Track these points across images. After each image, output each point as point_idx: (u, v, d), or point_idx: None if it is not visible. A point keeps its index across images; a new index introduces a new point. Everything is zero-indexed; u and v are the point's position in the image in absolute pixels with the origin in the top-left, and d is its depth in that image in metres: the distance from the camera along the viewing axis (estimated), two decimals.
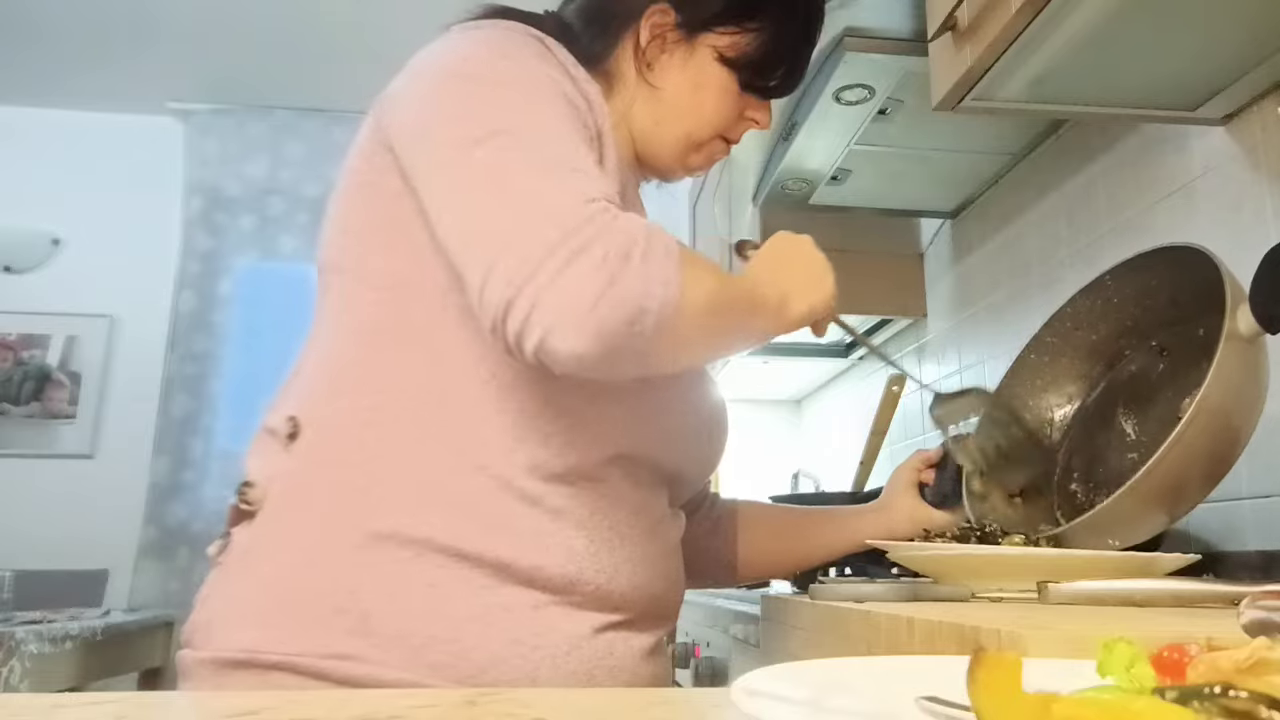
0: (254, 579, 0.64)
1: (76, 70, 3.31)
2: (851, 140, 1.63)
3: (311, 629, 0.60)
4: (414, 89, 0.69)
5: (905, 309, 2.12)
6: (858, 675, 0.37)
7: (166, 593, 3.11)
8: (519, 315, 0.54)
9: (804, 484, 2.46)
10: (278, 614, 0.61)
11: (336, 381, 0.68)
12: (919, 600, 0.82)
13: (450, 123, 0.64)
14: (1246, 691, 0.24)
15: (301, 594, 0.61)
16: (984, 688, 0.25)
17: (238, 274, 3.48)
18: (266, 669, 0.59)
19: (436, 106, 0.66)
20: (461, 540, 0.62)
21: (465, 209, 0.60)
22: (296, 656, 0.58)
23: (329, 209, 0.75)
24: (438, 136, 0.64)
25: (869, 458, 1.60)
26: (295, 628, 0.60)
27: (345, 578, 0.61)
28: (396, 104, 0.70)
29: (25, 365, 3.36)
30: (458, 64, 0.68)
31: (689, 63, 0.79)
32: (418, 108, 0.67)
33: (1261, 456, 1.09)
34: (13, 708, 0.38)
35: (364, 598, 0.60)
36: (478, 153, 0.60)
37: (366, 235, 0.70)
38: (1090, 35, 1.00)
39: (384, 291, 0.68)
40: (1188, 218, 1.24)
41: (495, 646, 0.61)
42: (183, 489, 3.23)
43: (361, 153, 0.72)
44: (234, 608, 0.63)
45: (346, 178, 0.73)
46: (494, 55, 0.67)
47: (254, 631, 0.61)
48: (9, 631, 1.97)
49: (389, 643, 0.59)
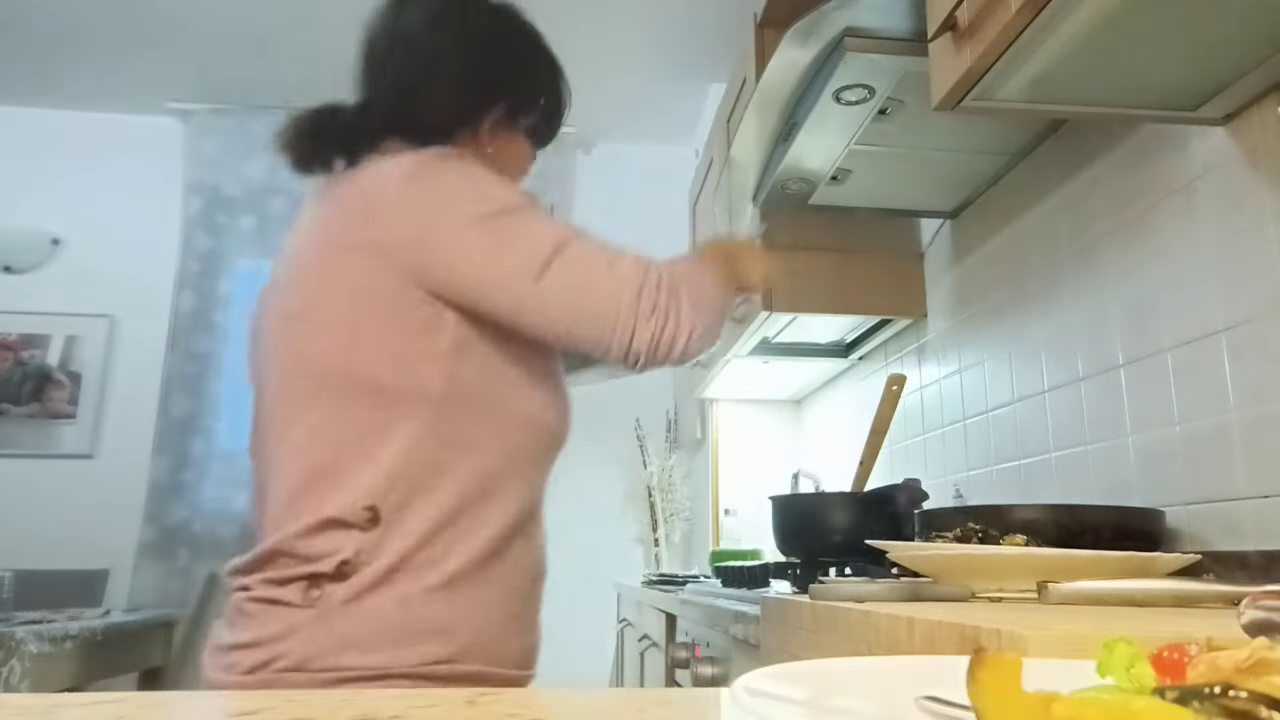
0: (365, 618, 0.82)
1: (76, 70, 3.31)
2: (851, 140, 1.63)
3: (419, 646, 0.83)
4: (452, 235, 0.87)
5: (905, 309, 2.12)
6: (858, 675, 0.37)
7: (166, 593, 3.11)
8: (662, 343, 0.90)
9: (804, 484, 2.46)
10: (396, 639, 0.82)
11: (399, 481, 0.86)
12: (919, 600, 0.82)
13: (519, 254, 0.86)
14: (1246, 691, 0.24)
15: (409, 624, 0.83)
16: (984, 688, 0.25)
17: (238, 274, 3.48)
18: (395, 678, 0.81)
19: (496, 247, 0.86)
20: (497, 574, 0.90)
21: (574, 304, 0.86)
22: (418, 667, 0.82)
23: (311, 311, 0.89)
24: (513, 269, 0.86)
25: (869, 458, 1.60)
26: (410, 646, 0.82)
27: (434, 611, 0.84)
28: (428, 248, 0.87)
29: (25, 365, 3.36)
30: (478, 204, 0.88)
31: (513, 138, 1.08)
32: (474, 254, 0.86)
33: (1261, 456, 1.09)
34: (13, 708, 0.38)
35: (447, 621, 0.85)
36: (558, 265, 0.87)
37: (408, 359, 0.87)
38: (1090, 35, 1.00)
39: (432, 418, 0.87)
40: (1188, 218, 1.24)
41: (530, 639, 0.95)
42: (183, 489, 3.23)
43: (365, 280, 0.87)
44: (354, 639, 0.81)
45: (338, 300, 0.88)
46: (491, 187, 0.90)
47: (379, 655, 0.81)
48: (9, 631, 1.97)
49: (467, 648, 0.85)
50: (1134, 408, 1.34)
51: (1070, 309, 1.51)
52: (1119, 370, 1.38)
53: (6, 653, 1.94)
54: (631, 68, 3.27)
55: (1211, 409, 1.17)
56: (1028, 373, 1.64)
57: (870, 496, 1.53)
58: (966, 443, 1.85)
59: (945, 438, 1.96)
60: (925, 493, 1.50)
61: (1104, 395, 1.41)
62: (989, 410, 1.77)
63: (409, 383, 0.86)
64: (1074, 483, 1.47)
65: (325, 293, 0.88)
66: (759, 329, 2.23)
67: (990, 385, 1.77)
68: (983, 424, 1.79)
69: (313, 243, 0.92)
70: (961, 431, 1.88)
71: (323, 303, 0.88)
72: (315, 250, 0.91)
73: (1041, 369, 1.59)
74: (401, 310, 0.86)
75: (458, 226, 0.87)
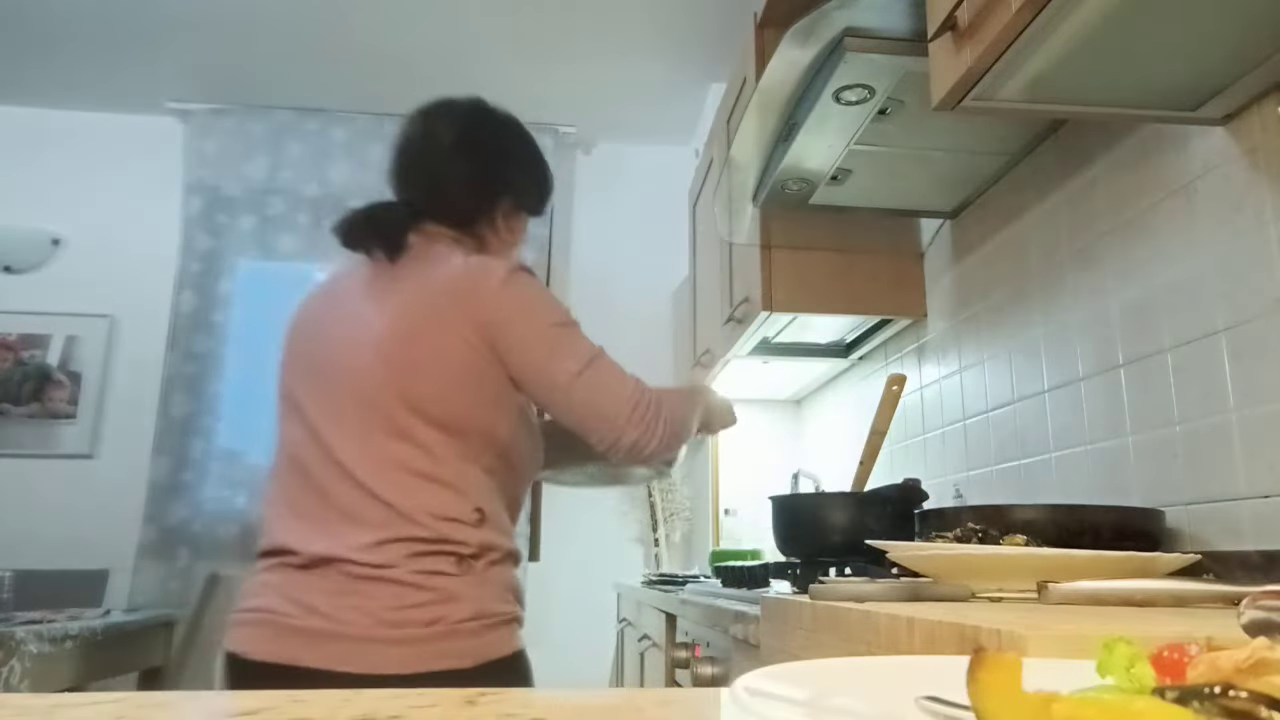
0: (496, 581, 1.16)
1: (76, 70, 3.31)
2: (851, 140, 1.63)
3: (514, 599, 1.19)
4: (529, 331, 1.18)
5: (905, 309, 2.12)
6: (858, 675, 0.37)
7: (166, 593, 3.11)
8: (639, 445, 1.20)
9: (804, 484, 2.46)
10: (512, 594, 1.18)
11: (485, 491, 1.18)
12: (919, 600, 0.82)
13: (565, 360, 1.18)
14: (1246, 691, 0.24)
15: (512, 583, 1.19)
16: (984, 688, 0.25)
17: (238, 274, 3.48)
18: (514, 621, 1.16)
19: (552, 350, 1.19)
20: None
21: (590, 405, 1.18)
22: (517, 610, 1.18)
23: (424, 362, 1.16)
24: (558, 369, 1.18)
25: (869, 458, 1.60)
26: (515, 599, 1.19)
27: (512, 576, 1.20)
28: (511, 333, 1.17)
29: (25, 365, 3.36)
30: (548, 315, 1.20)
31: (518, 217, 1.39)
32: (538, 349, 1.18)
33: (1261, 456, 1.09)
34: (13, 708, 0.38)
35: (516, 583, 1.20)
36: (588, 373, 1.18)
37: (485, 407, 1.18)
38: (1090, 35, 1.00)
39: (504, 441, 1.20)
40: (1188, 218, 1.24)
41: None
42: (183, 489, 3.23)
43: (469, 347, 1.16)
44: (494, 595, 1.15)
45: (462, 358, 1.16)
46: (555, 304, 1.23)
47: (507, 605, 1.16)
48: (9, 631, 1.97)
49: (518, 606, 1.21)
50: (1134, 408, 1.34)
51: (1070, 309, 1.52)
52: (1119, 370, 1.38)
53: (6, 653, 1.94)
54: (631, 68, 3.27)
55: (1211, 409, 1.17)
56: (1028, 373, 1.64)
57: (870, 496, 1.53)
58: (966, 443, 1.86)
59: (945, 438, 1.96)
60: (925, 493, 1.50)
61: (1104, 395, 1.41)
62: (989, 410, 1.77)
63: (488, 428, 1.18)
64: (1074, 483, 1.47)
65: (436, 349, 1.15)
66: (759, 329, 2.23)
67: (990, 385, 1.77)
68: (983, 424, 1.79)
69: (418, 308, 1.18)
70: (961, 431, 1.88)
71: (434, 358, 1.15)
72: (424, 314, 1.17)
73: (1041, 369, 1.59)
74: (488, 375, 1.17)
75: (533, 327, 1.19)
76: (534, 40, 3.08)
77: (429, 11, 2.94)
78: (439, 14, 2.95)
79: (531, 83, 3.37)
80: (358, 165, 3.56)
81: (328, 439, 1.17)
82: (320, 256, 3.51)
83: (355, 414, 1.17)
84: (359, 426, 1.16)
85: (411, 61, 3.22)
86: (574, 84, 3.39)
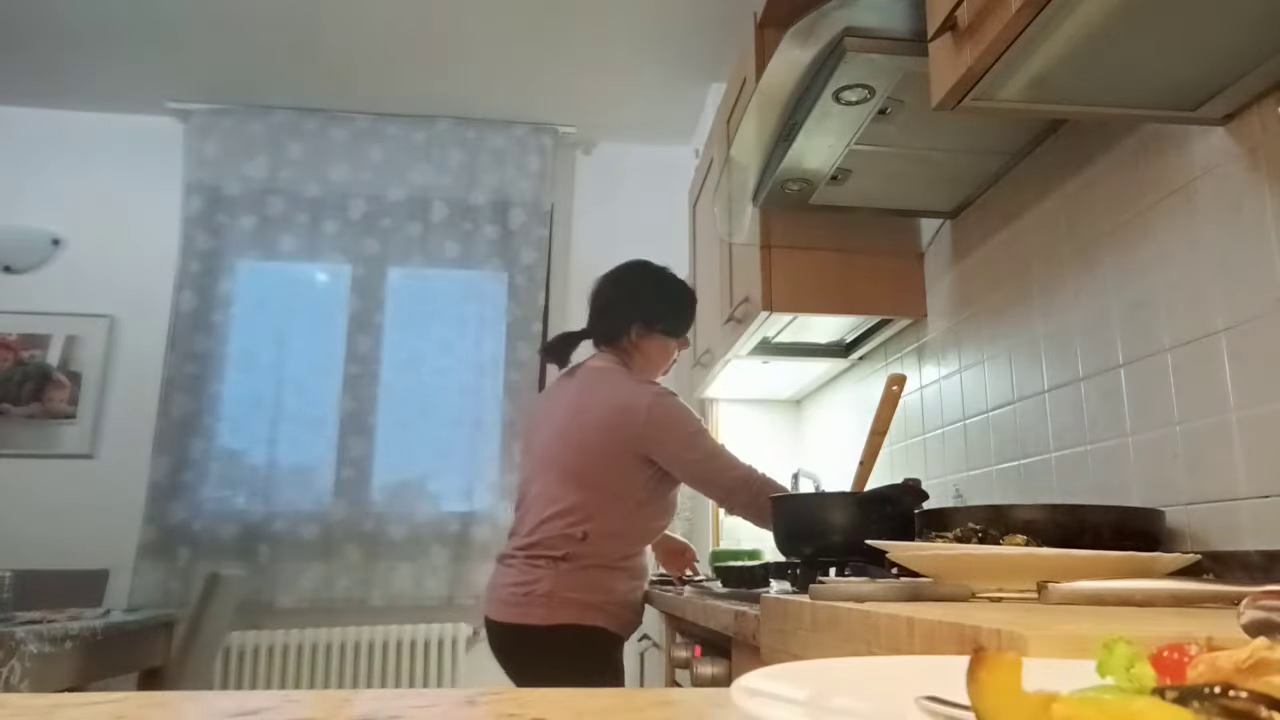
0: (574, 576, 1.77)
1: (76, 70, 3.31)
2: (851, 140, 1.63)
3: (590, 594, 1.77)
4: (682, 437, 1.81)
5: (905, 309, 2.12)
6: (858, 675, 0.37)
7: (166, 593, 3.11)
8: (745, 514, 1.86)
9: (804, 484, 2.46)
10: (584, 588, 1.77)
11: (594, 525, 1.80)
12: (919, 600, 0.82)
13: (704, 454, 1.82)
14: (1246, 691, 0.24)
15: (589, 582, 1.78)
16: (984, 688, 0.25)
17: (238, 274, 3.48)
18: (581, 605, 1.76)
19: (697, 444, 1.82)
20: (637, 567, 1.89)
21: (714, 480, 1.83)
22: (587, 596, 1.78)
23: (595, 444, 1.82)
24: (700, 456, 1.82)
25: (869, 458, 1.60)
26: (589, 593, 1.77)
27: (606, 582, 1.80)
28: (667, 441, 1.81)
29: (25, 365, 3.36)
30: (688, 424, 1.83)
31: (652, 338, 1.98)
32: (690, 445, 1.81)
33: (1261, 456, 1.09)
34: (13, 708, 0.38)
35: (611, 590, 1.81)
36: (712, 462, 1.82)
37: (613, 479, 1.82)
38: (1090, 35, 1.00)
39: (628, 502, 1.83)
40: (1188, 218, 1.24)
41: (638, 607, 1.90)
42: (183, 489, 3.23)
43: (617, 444, 1.80)
44: (569, 586, 1.76)
45: (607, 447, 1.81)
46: (692, 418, 1.84)
47: (576, 593, 1.76)
48: (9, 631, 1.97)
49: (603, 602, 1.79)
50: (1134, 408, 1.34)
51: (1070, 309, 1.51)
52: (1119, 370, 1.38)
53: (6, 653, 1.94)
54: (632, 68, 3.27)
55: (1211, 409, 1.17)
56: (1028, 373, 1.64)
57: (870, 496, 1.53)
58: (966, 443, 1.86)
59: (945, 438, 1.96)
60: (925, 493, 1.50)
61: (1104, 395, 1.41)
62: (989, 410, 1.77)
63: (618, 492, 1.81)
64: (1074, 483, 1.47)
65: (599, 441, 1.81)
66: (759, 329, 2.23)
67: (990, 385, 1.77)
68: (983, 424, 1.79)
69: (592, 413, 1.84)
70: (961, 431, 1.88)
71: (602, 447, 1.81)
72: (596, 419, 1.82)
73: (1041, 369, 1.59)
74: (626, 461, 1.81)
75: (677, 438, 1.81)
76: (534, 40, 3.08)
77: (429, 12, 2.94)
78: (439, 14, 2.95)
79: (531, 83, 3.37)
80: (358, 165, 3.56)
81: (527, 481, 1.92)
82: (320, 256, 3.51)
83: (540, 467, 1.88)
84: (539, 474, 1.88)
85: (411, 62, 3.22)
86: (574, 84, 3.39)
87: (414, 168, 3.58)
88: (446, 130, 3.60)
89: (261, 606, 3.17)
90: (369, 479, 3.35)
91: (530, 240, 3.58)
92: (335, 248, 3.51)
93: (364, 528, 3.28)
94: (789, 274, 2.08)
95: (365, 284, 3.51)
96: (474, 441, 3.38)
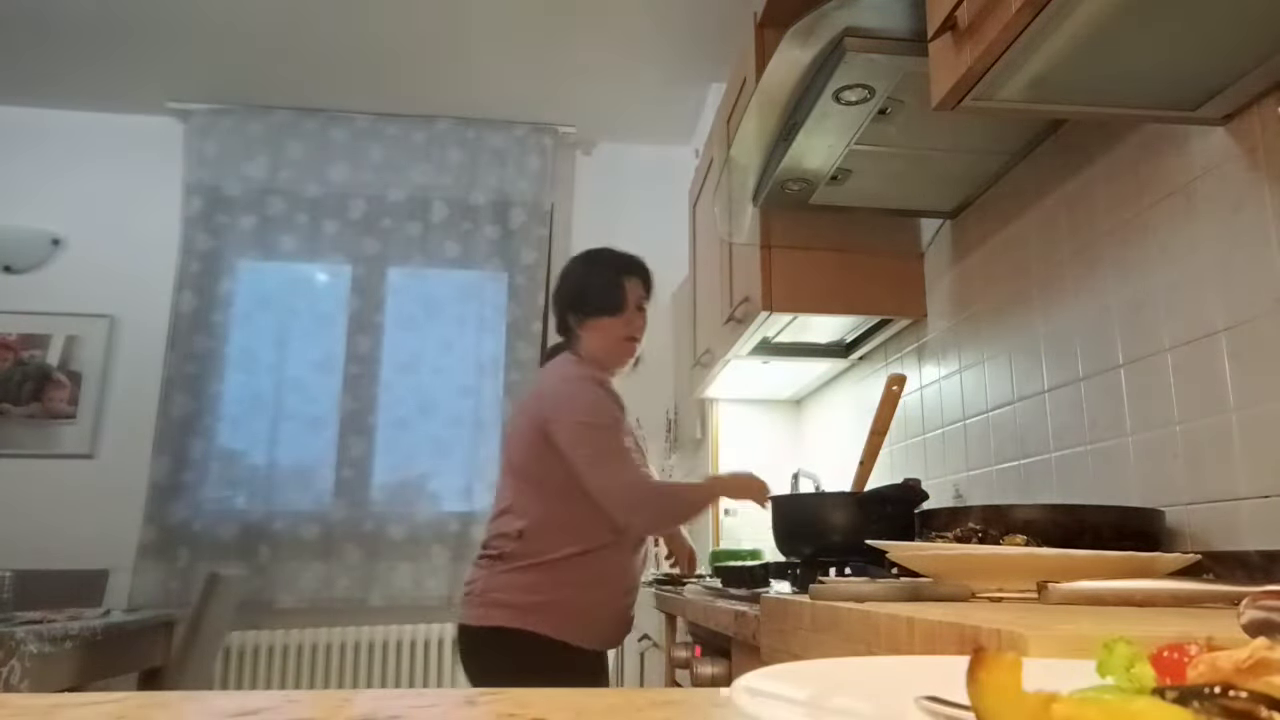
0: (505, 576, 1.72)
1: (76, 70, 3.31)
2: (851, 140, 1.63)
3: (523, 595, 1.71)
4: (568, 422, 1.72)
5: (905, 309, 2.12)
6: (858, 675, 0.37)
7: (166, 593, 3.11)
8: (641, 529, 1.81)
9: (804, 484, 2.46)
10: (514, 589, 1.70)
11: (530, 523, 1.75)
12: (919, 600, 0.82)
13: (592, 448, 1.71)
14: (1246, 691, 0.24)
15: (521, 584, 1.71)
16: (984, 688, 0.25)
17: (238, 274, 3.48)
18: (505, 605, 1.69)
19: (584, 437, 1.72)
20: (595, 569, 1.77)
21: (601, 482, 1.70)
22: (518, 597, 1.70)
23: (521, 433, 1.80)
24: (588, 451, 1.71)
25: (869, 458, 1.60)
26: (520, 594, 1.70)
27: (545, 583, 1.71)
28: (560, 421, 1.73)
29: (25, 365, 3.36)
30: (585, 414, 1.74)
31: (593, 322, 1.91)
32: (575, 434, 1.71)
33: (1261, 456, 1.09)
34: (13, 708, 0.38)
35: (553, 592, 1.70)
36: (598, 463, 1.71)
37: (532, 465, 1.76)
38: (1090, 35, 1.00)
39: (550, 491, 1.75)
40: (1187, 218, 1.24)
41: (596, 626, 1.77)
42: (183, 489, 3.23)
43: (533, 427, 1.75)
44: (500, 585, 1.71)
45: (527, 434, 1.77)
46: (595, 410, 1.74)
47: (503, 594, 1.70)
48: (9, 631, 1.97)
49: (540, 604, 1.70)
50: (1134, 408, 1.34)
51: (1070, 309, 1.51)
52: (1119, 370, 1.38)
53: (6, 653, 1.94)
54: (631, 68, 3.27)
55: (1211, 409, 1.17)
56: (1028, 373, 1.64)
57: (870, 496, 1.53)
58: (966, 443, 1.85)
59: (945, 438, 1.96)
60: (925, 493, 1.50)
61: (1104, 395, 1.41)
62: (989, 410, 1.77)
63: (538, 478, 1.75)
64: (1074, 483, 1.47)
65: (523, 429, 1.78)
66: (759, 329, 2.23)
67: (990, 385, 1.77)
68: (983, 424, 1.79)
69: (525, 402, 1.84)
70: (961, 431, 1.88)
71: (524, 434, 1.77)
72: (525, 407, 1.82)
73: (1041, 369, 1.59)
74: (539, 443, 1.74)
75: (570, 421, 1.72)
76: (534, 40, 3.08)
77: (429, 12, 2.93)
78: (439, 14, 2.95)
79: (531, 82, 3.37)
80: (358, 165, 3.56)
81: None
82: (320, 256, 3.51)
83: (502, 466, 1.90)
84: (501, 473, 1.89)
85: (411, 62, 3.22)
86: (574, 84, 3.39)
87: (414, 168, 3.58)
88: (446, 130, 3.60)
89: (261, 606, 3.17)
90: (369, 479, 3.35)
91: (530, 240, 3.58)
92: (335, 248, 3.51)
93: (364, 528, 3.28)
94: (789, 274, 2.08)
95: (365, 284, 3.51)
96: (474, 441, 3.38)
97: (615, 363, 1.89)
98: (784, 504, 1.63)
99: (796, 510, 1.61)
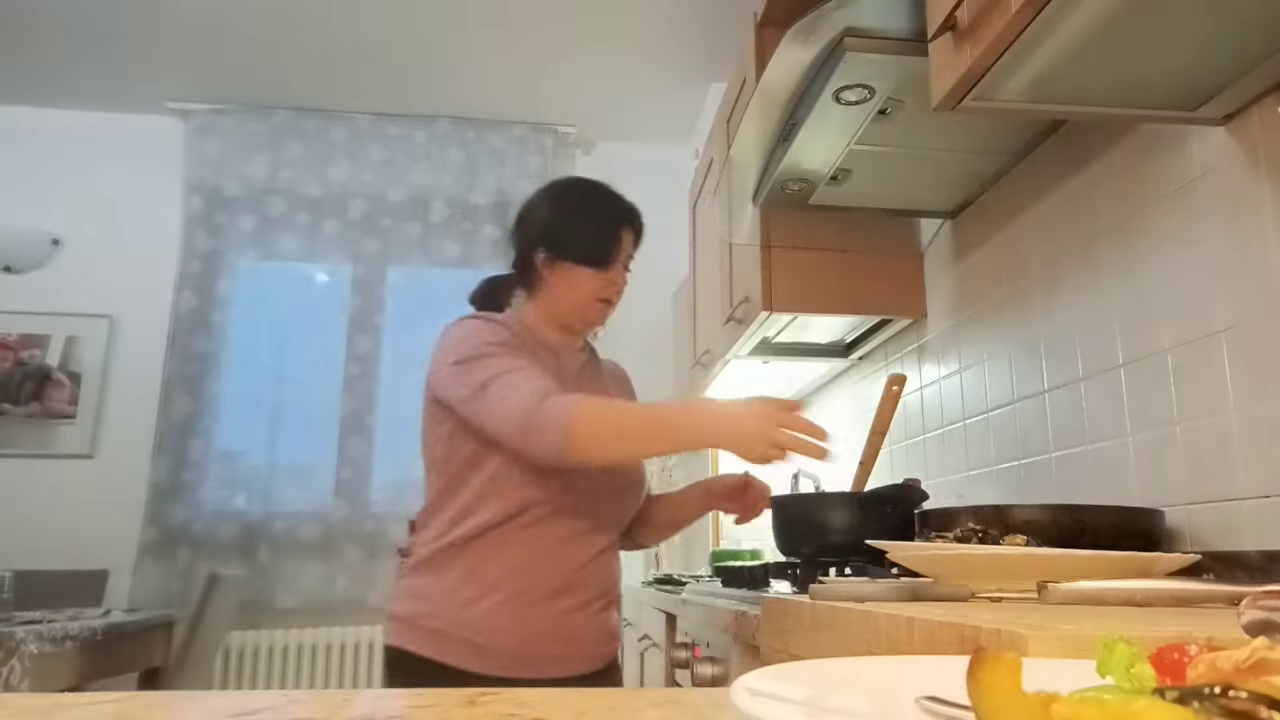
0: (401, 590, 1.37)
1: (76, 70, 3.31)
2: (851, 140, 1.63)
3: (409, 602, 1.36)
4: (443, 373, 1.34)
5: (905, 309, 2.12)
6: (858, 675, 0.37)
7: (166, 593, 3.11)
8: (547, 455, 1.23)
9: (804, 484, 2.46)
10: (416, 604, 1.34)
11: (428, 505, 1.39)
12: (919, 600, 0.82)
13: (468, 386, 1.30)
14: (1246, 691, 0.24)
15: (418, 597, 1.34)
16: (984, 688, 0.25)
17: (238, 274, 3.48)
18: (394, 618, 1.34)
19: (459, 378, 1.31)
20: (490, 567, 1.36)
21: (488, 418, 1.27)
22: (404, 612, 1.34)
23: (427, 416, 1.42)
24: (466, 391, 1.30)
25: (869, 458, 1.59)
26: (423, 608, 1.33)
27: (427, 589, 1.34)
28: (435, 375, 1.36)
29: (25, 365, 3.36)
30: (457, 351, 1.33)
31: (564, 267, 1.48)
32: (451, 380, 1.32)
33: (1261, 456, 1.09)
34: (13, 708, 0.38)
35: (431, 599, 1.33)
36: (482, 394, 1.28)
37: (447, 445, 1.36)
38: (1090, 35, 1.00)
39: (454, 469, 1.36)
40: (1187, 218, 1.24)
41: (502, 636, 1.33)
42: (183, 489, 3.23)
43: (426, 400, 1.40)
44: (393, 602, 1.36)
45: (424, 410, 1.41)
46: (469, 344, 1.34)
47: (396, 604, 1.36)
48: (9, 631, 1.97)
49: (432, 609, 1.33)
50: (1134, 408, 1.34)
51: (1070, 308, 1.51)
52: (1119, 370, 1.38)
53: (6, 653, 1.94)
54: (631, 68, 3.27)
55: (1211, 409, 1.17)
56: (1028, 373, 1.64)
57: (870, 496, 1.53)
58: (966, 443, 1.85)
59: (945, 438, 1.96)
60: (925, 493, 1.50)
61: (1104, 395, 1.41)
62: (989, 410, 1.77)
63: (448, 458, 1.36)
64: (1074, 483, 1.47)
65: (424, 405, 1.41)
66: (759, 329, 2.23)
67: (990, 385, 1.77)
68: (983, 424, 1.79)
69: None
70: (961, 432, 1.88)
71: (423, 410, 1.41)
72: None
73: (1041, 369, 1.59)
74: (438, 418, 1.37)
75: (445, 368, 1.34)
76: (534, 40, 3.08)
77: (429, 12, 2.93)
78: (439, 14, 2.95)
79: (532, 82, 3.37)
80: (358, 165, 3.56)
81: None
82: (320, 256, 3.51)
83: None
84: None
85: (411, 62, 3.22)
86: (574, 84, 3.39)
87: (414, 168, 3.58)
88: (446, 130, 3.60)
89: (261, 606, 3.17)
90: (369, 479, 3.35)
91: None
92: (335, 248, 3.51)
93: (364, 528, 3.28)
94: (789, 274, 2.08)
95: (365, 284, 3.51)
96: None
97: (580, 323, 1.49)
98: (784, 504, 1.63)
99: (796, 510, 1.61)
